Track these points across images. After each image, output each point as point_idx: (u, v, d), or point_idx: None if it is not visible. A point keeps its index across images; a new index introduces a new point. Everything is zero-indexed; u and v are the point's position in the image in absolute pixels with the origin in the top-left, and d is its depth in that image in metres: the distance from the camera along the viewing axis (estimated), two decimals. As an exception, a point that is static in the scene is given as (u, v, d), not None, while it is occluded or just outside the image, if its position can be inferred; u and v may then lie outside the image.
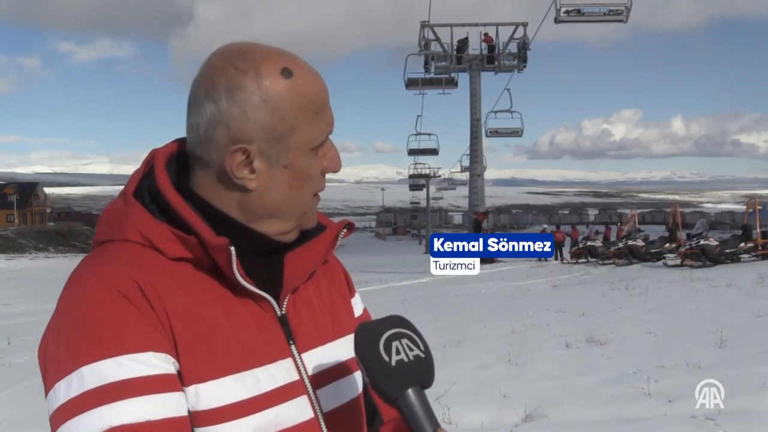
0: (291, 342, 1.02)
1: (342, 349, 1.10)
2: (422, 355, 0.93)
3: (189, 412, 0.89)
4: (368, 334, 0.93)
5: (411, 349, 0.93)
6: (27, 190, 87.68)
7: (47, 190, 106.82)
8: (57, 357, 0.87)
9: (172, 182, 0.99)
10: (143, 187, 0.99)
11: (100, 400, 0.83)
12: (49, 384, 0.87)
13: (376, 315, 1.05)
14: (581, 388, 5.83)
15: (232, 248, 0.93)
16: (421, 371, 0.92)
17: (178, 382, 0.89)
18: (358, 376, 1.12)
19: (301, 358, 1.03)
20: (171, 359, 0.89)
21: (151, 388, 0.85)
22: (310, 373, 1.03)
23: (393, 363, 0.90)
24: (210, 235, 0.94)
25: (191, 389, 0.90)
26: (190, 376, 0.90)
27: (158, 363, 0.87)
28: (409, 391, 0.90)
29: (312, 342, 1.06)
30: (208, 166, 0.97)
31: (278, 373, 0.98)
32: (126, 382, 0.84)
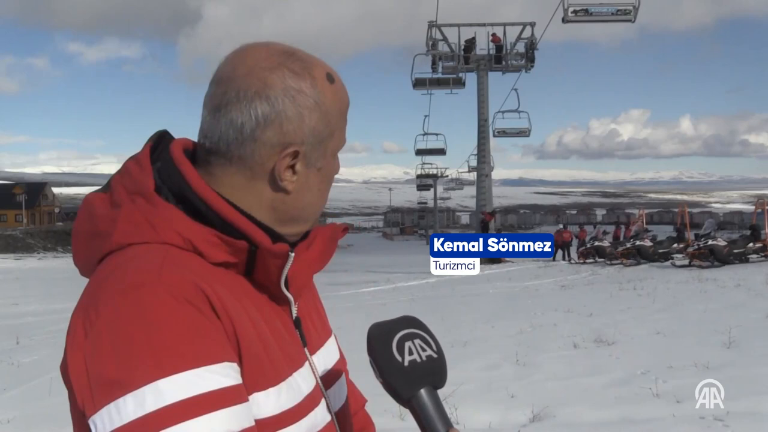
0: (304, 345, 1.03)
1: (333, 347, 1.14)
2: (435, 356, 0.94)
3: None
4: (381, 334, 0.94)
5: (424, 350, 0.93)
6: (35, 190, 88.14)
7: (55, 190, 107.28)
8: (115, 370, 0.80)
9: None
10: (161, 185, 0.95)
11: (182, 415, 0.79)
12: (102, 399, 0.80)
13: (384, 315, 1.05)
14: (589, 389, 5.82)
15: (292, 254, 0.94)
16: (434, 371, 0.92)
17: (245, 392, 0.87)
18: (345, 375, 1.15)
19: (313, 361, 1.03)
20: (238, 368, 0.86)
21: (230, 399, 0.82)
22: (320, 375, 1.04)
23: (406, 363, 0.91)
24: (268, 241, 0.93)
25: (252, 398, 0.88)
26: (251, 385, 0.88)
27: (233, 373, 0.85)
28: (422, 391, 0.90)
29: (317, 344, 1.07)
30: (245, 165, 0.95)
31: (306, 377, 0.99)
32: (206, 395, 0.81)
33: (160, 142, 1.02)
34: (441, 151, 50.77)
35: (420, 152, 50.92)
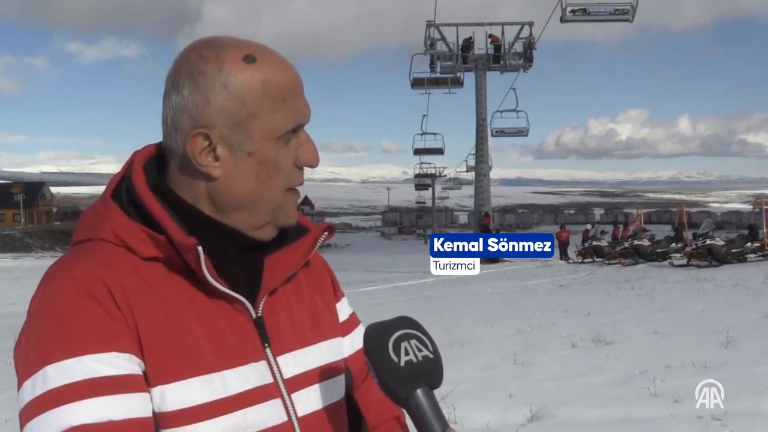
0: (266, 344, 1.01)
1: (322, 353, 1.09)
2: (431, 356, 0.93)
3: (154, 413, 0.89)
4: (377, 334, 0.94)
5: (420, 350, 0.93)
6: (34, 189, 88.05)
7: (54, 189, 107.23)
8: (26, 356, 0.88)
9: (149, 182, 0.99)
10: (122, 189, 1.00)
11: (62, 399, 0.83)
12: (19, 383, 0.88)
13: (382, 315, 1.05)
14: (587, 388, 5.82)
15: (200, 248, 0.93)
16: (430, 372, 0.92)
17: (143, 382, 0.89)
18: (338, 381, 1.11)
19: (276, 361, 1.01)
20: (136, 360, 0.88)
21: (114, 388, 0.85)
22: (285, 376, 1.01)
23: (402, 363, 0.91)
24: (179, 234, 0.94)
25: (157, 390, 0.89)
26: (156, 377, 0.89)
27: (122, 363, 0.87)
28: (418, 391, 0.90)
29: (289, 345, 1.04)
30: (176, 156, 0.97)
31: (250, 375, 0.97)
32: (88, 382, 0.84)
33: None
34: (439, 151, 50.75)
35: (418, 152, 50.91)
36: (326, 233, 1.10)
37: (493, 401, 5.56)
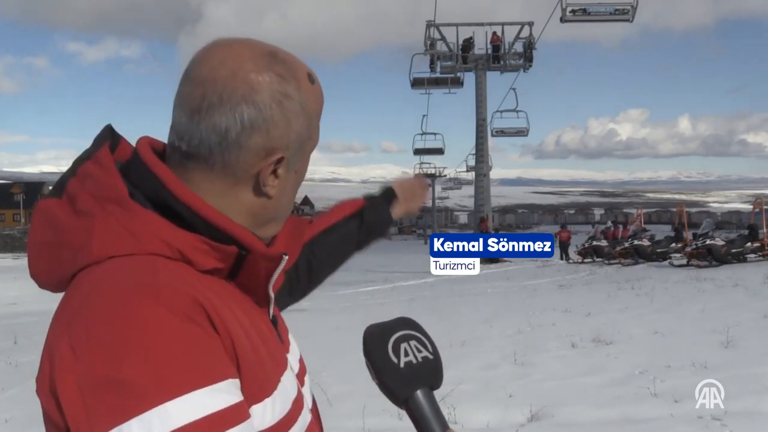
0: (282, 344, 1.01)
1: (294, 347, 1.09)
2: (431, 357, 0.93)
3: None
4: (377, 335, 0.93)
5: (419, 351, 0.93)
6: (34, 189, 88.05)
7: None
8: (116, 396, 0.73)
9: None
10: (134, 191, 0.89)
11: None
12: (102, 426, 0.73)
13: (382, 315, 1.05)
14: (587, 388, 5.82)
15: (285, 257, 0.92)
16: (430, 373, 0.92)
17: (247, 407, 0.82)
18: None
19: (289, 360, 1.01)
20: (239, 384, 0.82)
21: (236, 418, 0.78)
22: (295, 373, 1.02)
23: (401, 365, 0.91)
24: (261, 245, 0.90)
25: (250, 411, 0.84)
26: (249, 399, 0.84)
27: (235, 390, 0.80)
28: (418, 392, 0.90)
29: (287, 340, 1.05)
30: (228, 171, 0.90)
31: (291, 379, 0.96)
32: (214, 416, 0.76)
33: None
34: (439, 151, 50.76)
35: (418, 152, 50.90)
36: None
37: (493, 401, 5.56)
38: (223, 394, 0.77)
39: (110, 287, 0.80)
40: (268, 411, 0.87)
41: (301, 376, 1.04)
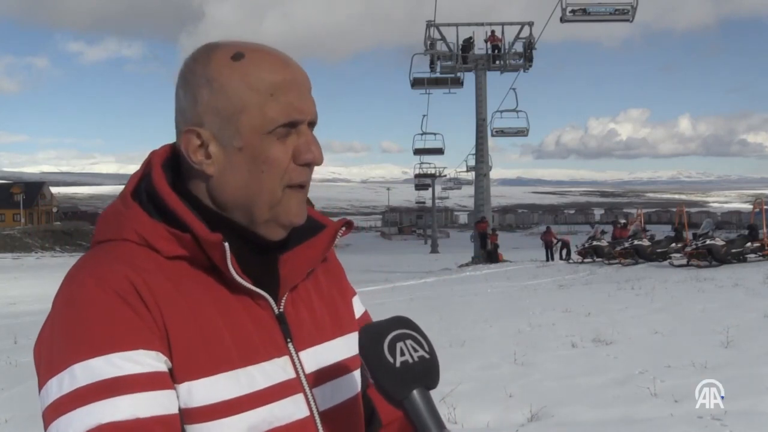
0: (288, 340, 1.02)
1: (341, 348, 1.10)
2: (427, 356, 0.93)
3: (181, 409, 0.90)
4: (372, 335, 0.93)
5: (415, 350, 0.92)
6: (34, 189, 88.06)
7: (54, 189, 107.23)
8: (50, 355, 0.89)
9: (168, 182, 0.99)
10: (141, 189, 1.01)
11: (91, 398, 0.84)
12: (42, 381, 0.88)
13: (381, 315, 1.04)
14: (587, 388, 5.82)
15: (226, 244, 0.94)
16: (426, 372, 0.92)
17: (169, 379, 0.90)
18: (356, 375, 1.12)
19: (298, 356, 1.02)
20: (163, 357, 0.90)
21: (141, 385, 0.86)
22: (307, 371, 1.03)
23: (397, 364, 0.90)
24: (204, 231, 0.94)
25: (184, 387, 0.91)
26: (183, 374, 0.91)
27: (149, 361, 0.88)
28: (414, 392, 0.90)
29: (310, 340, 1.06)
30: (183, 158, 1.00)
31: (274, 370, 0.98)
32: (116, 380, 0.85)
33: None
34: (439, 151, 50.67)
35: (418, 152, 50.82)
36: (344, 228, 1.11)
37: (493, 401, 5.55)
38: (129, 362, 0.86)
39: (76, 264, 0.96)
40: (205, 389, 0.91)
41: (321, 377, 1.05)
